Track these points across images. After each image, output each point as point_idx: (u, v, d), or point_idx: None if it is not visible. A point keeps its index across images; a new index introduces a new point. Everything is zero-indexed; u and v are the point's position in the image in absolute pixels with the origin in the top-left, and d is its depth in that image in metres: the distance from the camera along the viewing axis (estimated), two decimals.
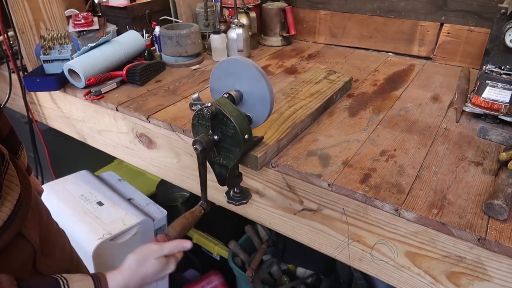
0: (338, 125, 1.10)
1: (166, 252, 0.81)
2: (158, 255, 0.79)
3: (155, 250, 0.80)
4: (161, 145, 1.18)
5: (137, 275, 0.77)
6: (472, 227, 0.73)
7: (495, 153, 0.96)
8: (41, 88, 1.36)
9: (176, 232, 0.84)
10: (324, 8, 1.73)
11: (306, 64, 1.56)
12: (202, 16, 1.66)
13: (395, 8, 1.57)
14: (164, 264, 0.80)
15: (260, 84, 0.85)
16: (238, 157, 0.83)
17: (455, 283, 0.79)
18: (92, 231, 1.42)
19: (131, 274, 0.76)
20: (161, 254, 0.80)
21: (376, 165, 0.91)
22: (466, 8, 1.42)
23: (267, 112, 0.88)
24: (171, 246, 0.82)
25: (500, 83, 1.02)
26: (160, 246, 0.81)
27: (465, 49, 1.47)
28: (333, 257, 0.96)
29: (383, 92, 1.29)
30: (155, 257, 0.79)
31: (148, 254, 0.79)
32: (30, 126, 1.60)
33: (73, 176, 1.71)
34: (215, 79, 0.93)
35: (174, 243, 0.83)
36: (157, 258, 0.79)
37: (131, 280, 0.76)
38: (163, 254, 0.80)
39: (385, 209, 0.80)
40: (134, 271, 0.77)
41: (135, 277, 0.77)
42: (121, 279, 0.75)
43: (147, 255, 0.79)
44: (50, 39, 1.37)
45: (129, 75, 1.35)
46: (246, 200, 0.94)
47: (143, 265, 0.78)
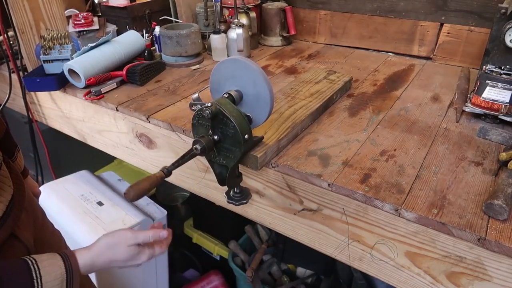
0: (338, 125, 1.10)
1: (140, 240, 0.79)
2: (130, 243, 0.78)
3: (129, 237, 0.78)
4: (161, 145, 1.18)
5: (105, 257, 0.76)
6: (472, 227, 0.73)
7: (495, 153, 0.96)
8: (41, 88, 1.36)
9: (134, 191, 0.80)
10: (324, 8, 1.73)
11: (306, 64, 1.56)
12: (202, 16, 1.66)
13: (395, 8, 1.57)
14: (135, 253, 0.79)
15: (260, 84, 0.85)
16: (238, 157, 0.83)
17: (455, 283, 0.79)
18: (92, 231, 1.42)
19: (99, 254, 0.76)
20: (134, 242, 0.78)
21: (376, 165, 0.91)
22: (466, 8, 1.42)
23: (267, 112, 0.88)
24: (145, 235, 0.80)
25: (500, 83, 1.02)
26: (134, 234, 0.79)
27: (465, 49, 1.47)
28: (333, 257, 0.96)
29: (383, 92, 1.29)
30: (127, 244, 0.77)
31: (120, 240, 0.78)
32: (30, 126, 1.60)
33: (73, 176, 1.71)
34: (215, 79, 0.93)
35: (149, 232, 0.81)
36: (129, 245, 0.77)
37: (98, 260, 0.75)
38: (136, 242, 0.78)
39: (385, 209, 0.80)
40: (102, 252, 0.76)
41: (102, 257, 0.76)
42: (89, 258, 0.74)
43: (119, 241, 0.77)
44: (50, 39, 1.37)
45: (129, 75, 1.35)
46: (246, 200, 0.94)
47: (113, 249, 0.77)
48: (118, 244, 0.77)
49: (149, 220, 1.53)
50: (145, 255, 0.80)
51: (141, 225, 1.49)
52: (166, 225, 1.62)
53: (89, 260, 0.74)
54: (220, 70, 0.91)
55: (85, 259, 0.73)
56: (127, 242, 0.77)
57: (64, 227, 1.48)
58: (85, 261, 0.73)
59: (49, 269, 0.68)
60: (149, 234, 0.80)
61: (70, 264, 0.71)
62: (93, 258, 0.75)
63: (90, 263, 0.74)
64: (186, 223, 2.11)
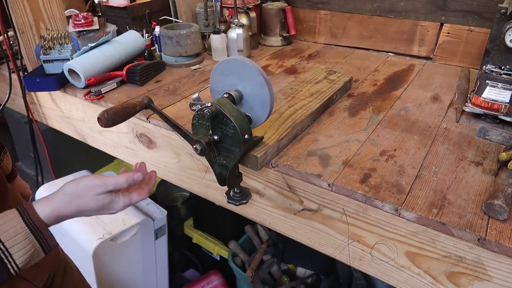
0: (338, 125, 1.10)
1: (111, 188, 0.71)
2: (98, 191, 0.70)
3: (96, 185, 0.70)
4: (161, 145, 1.18)
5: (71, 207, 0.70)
6: (472, 227, 0.73)
7: (495, 153, 0.96)
8: (41, 88, 1.36)
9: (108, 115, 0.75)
10: (324, 8, 1.73)
11: (306, 64, 1.56)
12: (202, 16, 1.66)
13: (395, 8, 1.57)
14: (106, 202, 0.71)
15: (260, 84, 0.85)
16: (238, 157, 0.83)
17: (455, 283, 0.79)
18: (92, 231, 1.42)
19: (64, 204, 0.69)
20: (103, 190, 0.70)
21: (376, 165, 0.91)
22: (466, 8, 1.42)
23: (267, 112, 0.88)
24: (117, 181, 0.71)
25: (500, 83, 1.02)
26: (102, 181, 0.70)
27: (465, 49, 1.47)
28: (333, 257, 0.96)
29: (383, 92, 1.29)
30: (95, 193, 0.70)
31: (85, 189, 0.70)
32: (30, 126, 1.60)
33: (73, 176, 1.71)
34: (215, 79, 0.93)
35: (122, 177, 0.72)
36: (97, 194, 0.70)
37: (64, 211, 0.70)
38: (106, 191, 0.70)
39: (385, 209, 0.80)
40: (67, 202, 0.70)
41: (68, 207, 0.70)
42: (51, 210, 0.68)
43: (84, 190, 0.70)
44: (50, 39, 1.37)
45: (129, 75, 1.35)
46: (246, 200, 0.94)
47: (79, 198, 0.70)
48: (84, 193, 0.69)
49: (149, 220, 1.53)
50: (119, 203, 0.73)
51: (141, 225, 1.49)
52: (166, 225, 1.62)
53: (51, 211, 0.68)
54: (220, 70, 0.91)
55: (46, 211, 0.68)
56: (94, 191, 0.69)
57: (64, 227, 1.48)
58: (47, 213, 0.68)
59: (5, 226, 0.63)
60: (121, 179, 0.71)
61: (29, 217, 0.65)
62: (57, 209, 0.69)
63: (54, 214, 0.69)
64: (186, 223, 2.11)
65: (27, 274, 0.83)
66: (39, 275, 0.86)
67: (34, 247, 0.65)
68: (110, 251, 1.43)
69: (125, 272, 1.54)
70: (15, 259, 0.64)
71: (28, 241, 0.64)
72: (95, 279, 1.43)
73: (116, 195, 0.73)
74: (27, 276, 0.83)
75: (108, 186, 0.70)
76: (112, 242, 1.43)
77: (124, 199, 0.74)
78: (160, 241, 1.62)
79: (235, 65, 0.87)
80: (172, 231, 1.87)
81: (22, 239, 0.64)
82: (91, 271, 1.41)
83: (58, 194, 0.70)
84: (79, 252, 1.38)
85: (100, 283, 1.45)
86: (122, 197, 0.74)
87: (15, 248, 0.63)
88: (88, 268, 1.38)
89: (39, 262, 0.87)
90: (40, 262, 0.87)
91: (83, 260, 1.35)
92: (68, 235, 1.45)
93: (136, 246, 1.53)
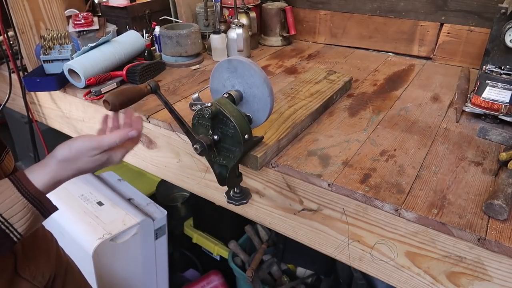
0: (338, 125, 1.10)
1: (106, 147, 0.70)
2: (95, 153, 0.70)
3: (91, 147, 0.69)
4: (161, 145, 1.18)
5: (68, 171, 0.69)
6: (472, 227, 0.73)
7: (495, 153, 0.96)
8: (41, 88, 1.36)
9: (116, 98, 0.74)
10: (324, 8, 1.73)
11: (306, 64, 1.56)
12: (202, 16, 1.66)
13: (395, 8, 1.57)
14: (104, 160, 0.71)
15: (260, 84, 0.85)
16: (238, 157, 0.83)
17: (455, 283, 0.79)
18: (92, 231, 1.42)
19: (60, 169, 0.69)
20: (98, 151, 0.70)
21: (376, 165, 0.91)
22: (466, 8, 1.42)
23: (267, 112, 0.88)
24: (110, 140, 0.71)
25: (500, 83, 1.02)
26: (97, 141, 0.70)
27: (465, 49, 1.47)
28: (333, 257, 0.96)
29: (383, 92, 1.29)
30: (90, 155, 0.69)
31: (80, 153, 0.69)
32: (30, 126, 1.60)
33: None
34: (215, 79, 0.93)
35: (114, 135, 0.71)
36: (93, 156, 0.69)
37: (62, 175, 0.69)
38: (101, 151, 0.70)
39: (385, 209, 0.80)
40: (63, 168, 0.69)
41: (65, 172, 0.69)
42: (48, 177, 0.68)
43: (79, 154, 0.69)
44: (50, 39, 1.37)
45: (129, 75, 1.35)
46: (246, 200, 0.94)
47: (75, 162, 0.69)
48: (79, 157, 0.69)
49: (149, 220, 1.53)
50: (117, 156, 0.73)
51: (141, 225, 1.49)
52: (166, 225, 1.62)
53: (48, 178, 0.68)
54: (220, 70, 0.91)
55: (43, 179, 0.67)
56: (90, 153, 0.69)
57: (64, 227, 1.48)
58: (44, 181, 0.67)
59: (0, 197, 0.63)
60: (115, 139, 0.71)
61: (25, 187, 0.65)
62: (55, 176, 0.68)
63: (52, 181, 0.68)
64: (186, 223, 2.11)
65: (28, 274, 0.83)
66: (40, 276, 0.86)
67: (33, 214, 0.66)
68: (110, 251, 1.43)
69: (125, 272, 1.54)
70: (16, 228, 0.64)
71: (26, 210, 0.65)
72: (95, 279, 1.43)
73: (112, 150, 0.73)
74: (28, 276, 0.83)
75: (103, 147, 0.70)
76: (112, 242, 1.42)
77: (121, 151, 0.74)
78: (160, 241, 1.62)
79: (235, 65, 0.87)
80: (172, 231, 1.87)
81: (21, 209, 0.64)
82: (91, 271, 1.41)
83: (51, 160, 0.69)
84: (79, 252, 1.37)
85: (100, 283, 1.45)
86: (119, 150, 0.74)
87: (15, 218, 0.64)
88: (88, 268, 1.38)
89: (40, 262, 0.87)
90: (41, 263, 0.88)
91: (83, 260, 1.35)
92: (68, 235, 1.44)
93: (136, 246, 1.53)
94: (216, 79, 0.92)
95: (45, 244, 0.95)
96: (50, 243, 0.99)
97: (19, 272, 0.80)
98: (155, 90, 0.82)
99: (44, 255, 0.91)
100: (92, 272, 1.41)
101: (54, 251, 0.98)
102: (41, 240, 0.94)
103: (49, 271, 0.92)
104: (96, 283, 1.44)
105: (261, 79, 0.84)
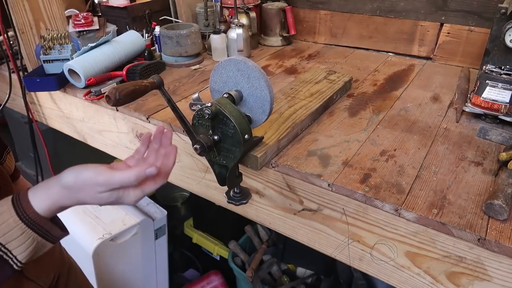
0: (338, 125, 1.10)
1: (116, 185, 0.61)
2: (102, 190, 0.62)
3: (97, 183, 0.61)
4: None
5: (71, 199, 0.63)
6: (472, 227, 0.73)
7: (495, 153, 0.96)
8: (41, 88, 1.36)
9: (119, 93, 0.69)
10: (324, 8, 1.73)
11: (306, 64, 1.56)
12: (202, 16, 1.66)
13: (395, 8, 1.57)
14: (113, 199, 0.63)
15: (260, 84, 0.85)
16: (238, 157, 0.83)
17: (455, 283, 0.79)
18: (92, 231, 1.42)
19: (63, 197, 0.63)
20: (106, 188, 0.61)
21: (376, 165, 0.91)
22: (466, 8, 1.42)
23: (267, 112, 0.88)
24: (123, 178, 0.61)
25: (500, 83, 1.02)
26: (106, 178, 0.60)
27: (465, 49, 1.47)
28: (333, 257, 0.96)
29: (383, 92, 1.29)
30: (97, 192, 0.62)
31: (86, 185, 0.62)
32: (30, 126, 1.60)
33: None
34: (215, 79, 0.93)
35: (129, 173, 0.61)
36: (100, 192, 0.62)
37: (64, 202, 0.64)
38: (109, 188, 0.62)
39: (385, 209, 0.80)
40: (67, 196, 0.63)
41: (68, 200, 0.63)
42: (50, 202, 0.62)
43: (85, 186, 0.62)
44: (50, 39, 1.37)
45: (129, 75, 1.35)
46: (246, 200, 0.94)
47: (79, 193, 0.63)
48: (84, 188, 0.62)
49: (149, 220, 1.53)
50: (129, 198, 0.64)
51: (141, 225, 1.49)
52: (166, 225, 1.62)
53: (51, 204, 0.62)
54: (220, 70, 0.91)
55: (45, 203, 0.62)
56: (96, 189, 0.62)
57: None
58: (46, 205, 0.62)
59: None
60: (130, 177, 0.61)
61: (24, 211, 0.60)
62: (57, 202, 0.63)
63: (55, 207, 0.63)
64: (186, 223, 2.11)
65: (33, 274, 0.83)
66: (44, 276, 0.86)
67: (35, 240, 0.62)
68: (110, 251, 1.43)
69: (125, 272, 1.54)
70: (15, 254, 0.61)
71: (26, 236, 0.60)
72: (95, 279, 1.43)
73: (125, 190, 0.64)
74: (33, 276, 0.83)
75: (112, 186, 0.61)
76: (112, 242, 1.43)
77: (135, 193, 0.64)
78: (160, 241, 1.62)
79: (235, 65, 0.87)
80: (172, 231, 1.87)
81: (19, 234, 0.60)
82: (91, 271, 1.41)
83: (56, 184, 0.63)
84: (79, 252, 1.37)
85: (100, 283, 1.45)
86: (133, 190, 0.64)
87: (13, 244, 0.60)
88: (88, 268, 1.38)
89: (44, 262, 0.87)
90: (45, 263, 0.88)
91: (83, 260, 1.35)
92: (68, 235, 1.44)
93: (136, 246, 1.53)
94: (216, 79, 0.92)
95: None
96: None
97: (25, 273, 0.81)
98: (159, 86, 0.79)
99: (48, 256, 0.91)
100: (92, 272, 1.41)
101: (57, 251, 0.99)
102: None
103: (53, 271, 0.92)
104: (96, 283, 1.44)
105: (261, 79, 0.84)
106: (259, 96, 0.86)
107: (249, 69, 0.85)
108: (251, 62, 0.85)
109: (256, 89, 0.86)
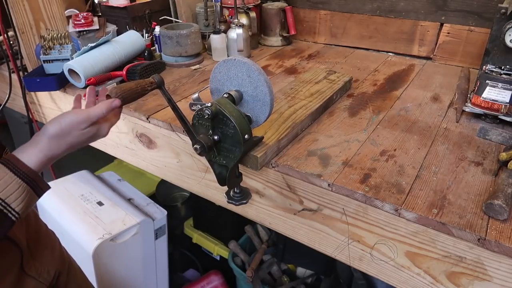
0: (338, 125, 1.10)
1: (95, 119, 0.73)
2: (85, 126, 0.72)
3: (80, 121, 0.71)
4: (161, 145, 1.18)
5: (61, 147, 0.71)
6: (472, 227, 0.73)
7: (495, 153, 0.96)
8: (41, 88, 1.36)
9: (121, 92, 0.76)
10: (324, 8, 1.73)
11: (306, 64, 1.56)
12: (202, 16, 1.66)
13: (395, 8, 1.57)
14: (94, 132, 0.74)
15: (260, 84, 0.85)
16: (238, 157, 0.83)
17: (455, 283, 0.79)
18: (92, 231, 1.42)
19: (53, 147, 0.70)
20: (88, 124, 0.72)
21: (376, 165, 0.91)
22: (466, 8, 1.42)
23: (267, 112, 0.88)
24: (98, 111, 0.73)
25: (500, 83, 1.02)
26: (85, 115, 0.72)
27: (465, 49, 1.47)
28: (333, 257, 0.96)
29: (383, 92, 1.29)
30: (80, 129, 0.72)
31: (71, 127, 0.71)
32: (30, 126, 1.60)
33: (73, 176, 1.71)
34: (215, 79, 0.93)
35: (100, 106, 0.74)
36: (83, 129, 0.72)
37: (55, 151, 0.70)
38: (90, 123, 0.73)
39: (385, 209, 0.80)
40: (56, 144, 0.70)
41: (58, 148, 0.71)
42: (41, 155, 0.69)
43: (70, 129, 0.71)
44: (50, 39, 1.37)
45: (129, 75, 1.35)
46: (246, 200, 0.94)
47: (66, 137, 0.71)
48: (70, 131, 0.71)
49: (149, 220, 1.53)
50: (105, 129, 0.77)
51: (141, 225, 1.49)
52: (166, 225, 1.62)
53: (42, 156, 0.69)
54: (220, 70, 0.91)
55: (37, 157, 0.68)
56: (80, 127, 0.72)
57: (64, 227, 1.48)
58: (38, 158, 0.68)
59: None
60: (102, 110, 0.74)
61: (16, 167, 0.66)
62: (48, 153, 0.70)
63: (46, 158, 0.69)
64: (186, 223, 2.11)
65: (34, 271, 0.83)
66: (45, 273, 0.87)
67: (29, 193, 0.67)
68: (110, 251, 1.43)
69: (125, 272, 1.54)
70: (13, 207, 0.65)
71: (22, 189, 0.65)
72: (95, 279, 1.43)
73: (100, 123, 0.76)
74: (34, 273, 0.83)
75: (92, 119, 0.73)
76: (112, 242, 1.42)
77: (107, 124, 0.77)
78: (160, 241, 1.62)
79: (235, 65, 0.87)
80: (172, 231, 1.87)
81: (16, 188, 0.65)
82: (91, 271, 1.41)
83: (42, 137, 0.70)
84: (79, 252, 1.37)
85: (100, 283, 1.45)
86: (104, 123, 0.77)
87: (11, 197, 0.64)
88: (88, 268, 1.38)
89: (45, 260, 0.88)
90: (46, 260, 0.88)
91: (83, 260, 1.35)
92: (68, 235, 1.44)
93: (136, 246, 1.53)
94: (216, 79, 0.92)
95: (49, 242, 0.96)
96: (54, 241, 0.99)
97: (25, 270, 0.81)
98: (160, 85, 0.82)
99: (49, 253, 0.91)
100: (92, 272, 1.41)
101: (58, 249, 0.99)
102: (45, 237, 0.94)
103: (54, 268, 0.92)
104: (96, 283, 1.44)
105: (261, 79, 0.84)
106: (259, 96, 0.86)
107: (249, 69, 0.85)
108: (251, 62, 0.85)
109: (256, 89, 0.86)
